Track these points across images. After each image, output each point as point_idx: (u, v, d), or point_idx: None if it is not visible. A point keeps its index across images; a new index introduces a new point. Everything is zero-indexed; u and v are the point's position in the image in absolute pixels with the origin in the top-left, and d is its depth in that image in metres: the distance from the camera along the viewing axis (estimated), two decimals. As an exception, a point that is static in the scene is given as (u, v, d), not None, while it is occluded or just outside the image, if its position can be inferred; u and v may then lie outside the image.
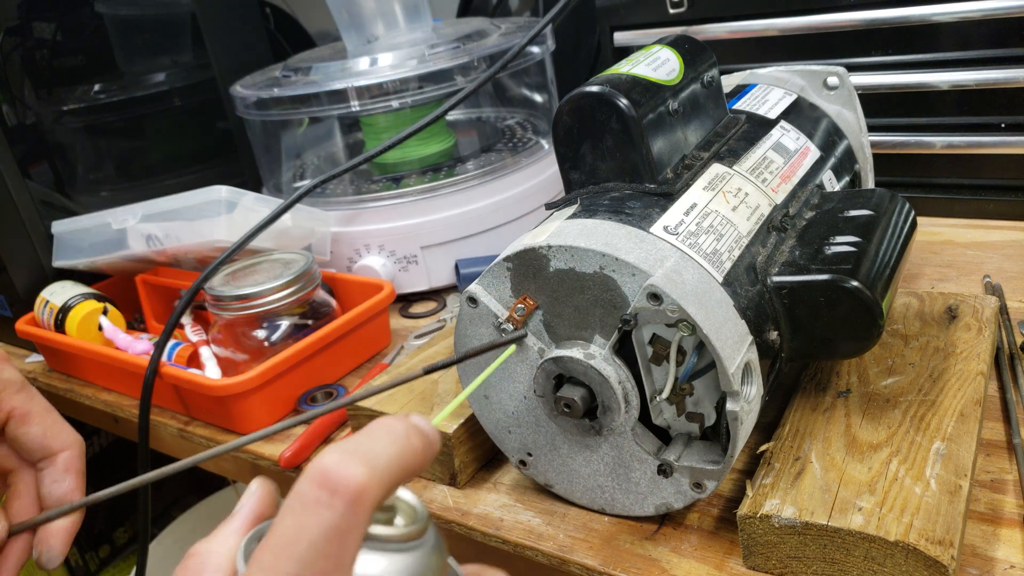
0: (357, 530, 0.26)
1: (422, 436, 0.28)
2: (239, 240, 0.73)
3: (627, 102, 0.49)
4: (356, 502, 0.25)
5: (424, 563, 0.28)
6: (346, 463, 0.25)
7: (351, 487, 0.25)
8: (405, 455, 0.27)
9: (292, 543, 0.25)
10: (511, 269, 0.48)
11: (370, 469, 0.26)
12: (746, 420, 0.44)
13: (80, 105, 1.07)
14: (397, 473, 0.27)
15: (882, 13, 0.76)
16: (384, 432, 0.28)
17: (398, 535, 0.28)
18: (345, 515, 0.25)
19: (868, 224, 0.52)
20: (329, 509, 0.25)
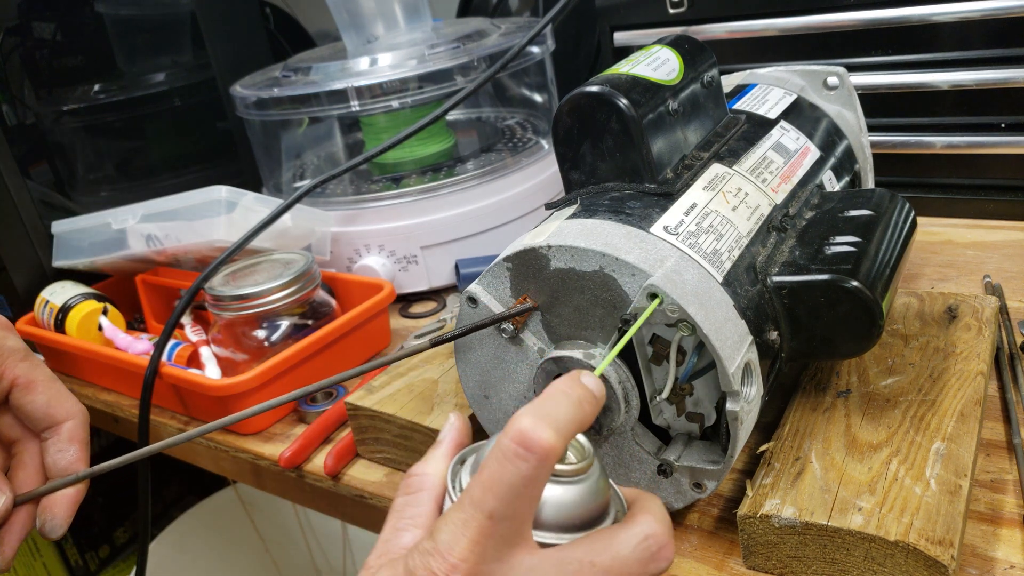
0: (543, 479, 0.33)
1: (591, 399, 0.35)
2: (239, 240, 0.73)
3: (627, 102, 0.49)
4: (544, 459, 0.32)
5: (593, 489, 0.35)
6: (539, 428, 0.32)
7: (542, 447, 0.32)
8: (581, 416, 0.34)
9: (495, 484, 0.32)
10: (511, 269, 0.48)
11: (556, 432, 0.32)
12: (746, 420, 0.44)
13: (80, 105, 1.07)
14: (574, 431, 0.34)
15: (882, 13, 0.76)
16: (564, 399, 0.34)
17: (570, 471, 0.35)
18: (536, 468, 0.32)
19: (868, 224, 0.52)
20: (525, 462, 0.32)
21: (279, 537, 1.34)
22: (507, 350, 0.50)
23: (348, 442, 0.62)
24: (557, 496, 0.35)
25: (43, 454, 0.49)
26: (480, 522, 0.32)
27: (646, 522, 0.35)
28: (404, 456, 0.59)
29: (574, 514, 0.35)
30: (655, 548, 0.35)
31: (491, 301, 0.49)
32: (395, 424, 0.58)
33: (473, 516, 0.32)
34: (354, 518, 0.66)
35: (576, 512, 0.35)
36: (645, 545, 0.34)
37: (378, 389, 0.61)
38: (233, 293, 0.71)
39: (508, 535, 0.32)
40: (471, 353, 0.51)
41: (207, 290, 0.72)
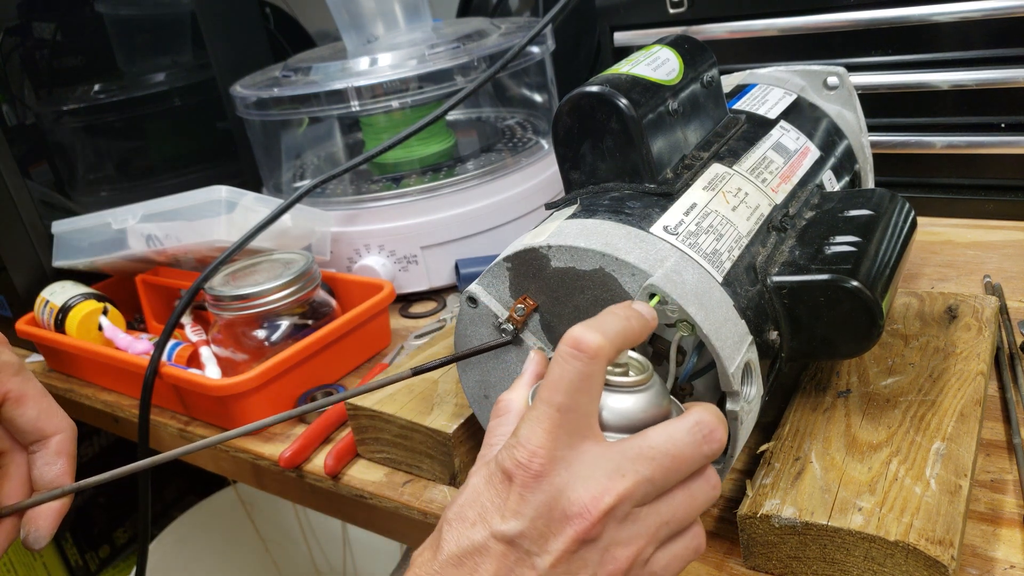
0: (598, 375, 0.37)
1: (638, 317, 0.40)
2: (239, 240, 0.73)
3: (627, 102, 0.49)
4: (595, 356, 0.37)
5: (651, 400, 0.40)
6: (588, 332, 0.37)
7: (591, 347, 0.37)
8: (627, 328, 0.39)
9: (558, 381, 0.37)
10: (511, 269, 0.48)
11: (602, 335, 0.37)
12: (746, 420, 0.44)
13: (80, 105, 1.07)
14: (621, 340, 0.39)
15: (882, 13, 0.76)
16: (612, 315, 0.40)
17: (630, 382, 0.40)
18: (589, 364, 0.37)
19: (868, 224, 0.52)
20: (578, 360, 0.37)
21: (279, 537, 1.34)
22: (507, 350, 0.50)
23: (348, 442, 0.62)
24: (618, 403, 0.40)
25: (30, 467, 0.49)
26: (551, 415, 0.37)
27: (697, 411, 0.39)
28: (404, 456, 0.59)
29: (634, 419, 0.40)
30: (707, 431, 0.39)
31: (491, 301, 0.49)
32: (395, 424, 0.58)
33: (545, 411, 0.37)
34: (354, 518, 0.66)
35: (636, 417, 0.40)
36: (697, 428, 0.39)
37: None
38: (233, 293, 0.71)
39: (576, 426, 0.37)
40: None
41: (207, 290, 0.72)
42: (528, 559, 0.36)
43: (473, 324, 0.50)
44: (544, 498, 0.36)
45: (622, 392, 0.40)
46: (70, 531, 1.33)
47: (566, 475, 0.37)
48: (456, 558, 0.37)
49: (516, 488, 0.37)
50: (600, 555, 0.37)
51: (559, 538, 0.36)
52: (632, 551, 0.37)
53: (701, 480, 0.39)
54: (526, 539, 0.36)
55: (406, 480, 0.59)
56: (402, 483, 0.58)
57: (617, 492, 0.36)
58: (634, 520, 0.37)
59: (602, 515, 0.36)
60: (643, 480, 0.37)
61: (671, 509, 0.39)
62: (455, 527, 0.37)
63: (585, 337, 0.37)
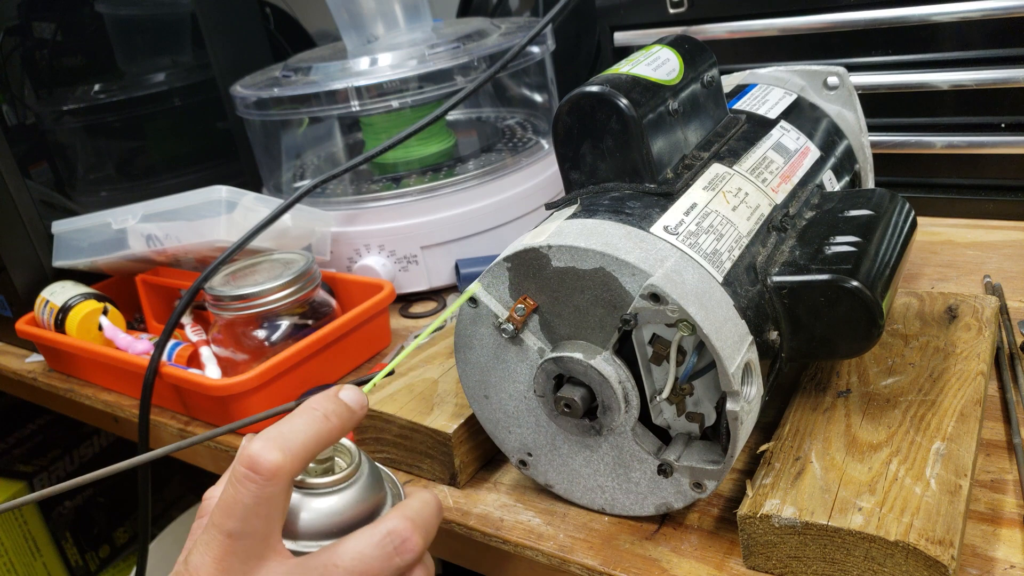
0: (277, 496, 0.35)
1: (340, 412, 0.38)
2: (239, 240, 0.73)
3: (627, 102, 0.49)
4: (272, 478, 0.35)
5: (355, 497, 0.38)
6: (266, 449, 0.35)
7: (268, 468, 0.35)
8: (320, 433, 0.37)
9: (231, 505, 0.35)
10: (511, 269, 0.48)
11: (283, 454, 0.35)
12: (746, 420, 0.44)
13: (80, 105, 1.07)
14: (312, 448, 0.36)
15: (882, 13, 0.76)
16: (304, 416, 0.37)
17: (328, 483, 0.37)
18: (266, 487, 0.35)
19: (868, 224, 0.52)
20: (253, 483, 0.35)
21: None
22: (507, 350, 0.50)
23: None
24: (315, 507, 0.37)
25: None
26: (221, 542, 0.35)
27: (390, 518, 0.38)
28: (404, 456, 0.59)
29: (335, 522, 0.37)
30: (398, 542, 0.37)
31: (491, 301, 0.49)
32: (395, 424, 0.58)
33: (214, 537, 0.36)
34: (354, 518, 0.66)
35: (336, 520, 0.37)
36: (388, 539, 0.37)
37: (378, 389, 0.61)
38: (233, 293, 0.71)
39: (251, 551, 0.35)
40: (471, 353, 0.52)
41: (207, 290, 0.72)
42: None
43: (473, 324, 0.50)
44: None
45: (318, 495, 0.38)
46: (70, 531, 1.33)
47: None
48: None
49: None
50: None
51: None
52: None
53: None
54: None
55: (406, 480, 0.59)
56: (402, 483, 0.58)
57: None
58: None
59: None
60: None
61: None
62: None
63: (261, 456, 0.35)
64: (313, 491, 0.38)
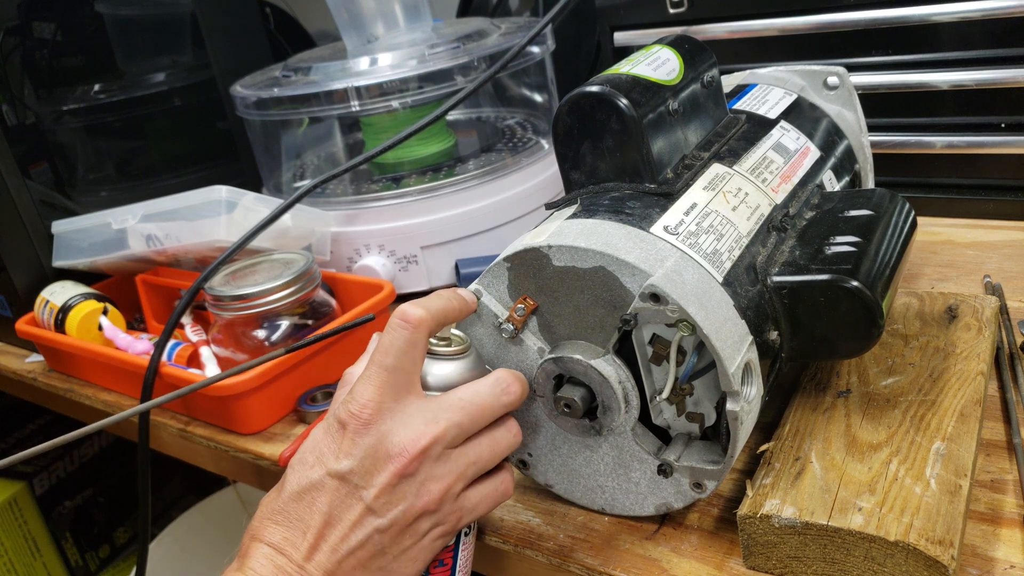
0: (420, 342, 0.45)
1: (459, 299, 0.48)
2: (239, 240, 0.73)
3: (627, 102, 0.49)
4: (417, 326, 0.45)
5: (467, 367, 0.48)
6: (412, 307, 0.45)
7: (414, 318, 0.45)
8: (448, 307, 0.47)
9: (388, 346, 0.44)
10: (511, 269, 0.48)
11: (424, 310, 0.45)
12: (746, 420, 0.44)
13: (80, 105, 1.07)
14: (442, 315, 0.46)
15: (882, 13, 0.76)
16: (436, 295, 0.47)
17: (449, 351, 0.47)
18: (413, 333, 0.45)
19: (868, 224, 0.52)
20: (404, 329, 0.45)
21: (279, 537, 1.34)
22: (507, 350, 0.50)
23: (348, 442, 0.62)
24: (439, 368, 0.47)
25: None
26: (380, 374, 0.44)
27: (499, 371, 0.47)
28: (404, 456, 0.59)
29: (451, 382, 0.47)
30: (504, 385, 0.46)
31: (491, 301, 0.49)
32: (395, 424, 0.58)
33: (375, 371, 0.44)
34: (354, 518, 0.65)
35: (452, 380, 0.47)
36: (496, 383, 0.46)
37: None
38: (233, 293, 0.71)
39: (401, 383, 0.44)
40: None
41: (207, 290, 0.72)
42: (356, 492, 0.43)
43: (473, 324, 0.50)
44: (371, 441, 0.43)
45: (442, 360, 0.47)
46: (70, 531, 1.33)
47: (391, 423, 0.43)
48: (296, 494, 0.43)
49: (349, 434, 0.43)
50: (417, 488, 0.43)
51: (382, 474, 0.43)
52: (444, 485, 0.44)
53: (503, 428, 0.47)
54: (355, 475, 0.43)
55: (406, 480, 0.58)
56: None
57: (432, 435, 0.43)
58: (446, 460, 0.44)
59: (418, 454, 0.43)
60: (453, 425, 0.44)
61: (477, 451, 0.46)
62: (297, 470, 0.44)
63: (410, 311, 0.45)
64: (439, 356, 0.47)
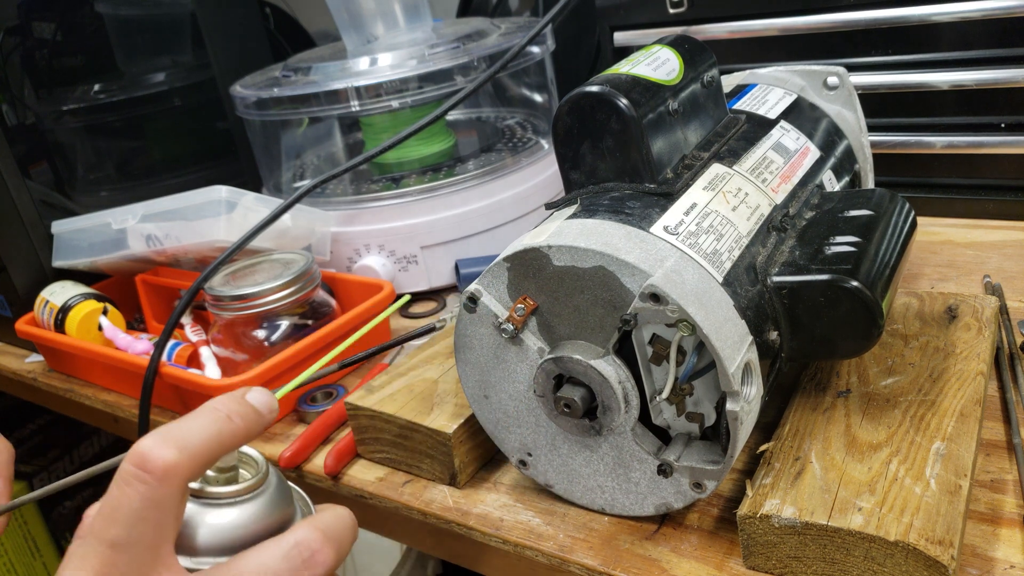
0: (170, 499, 0.31)
1: (246, 414, 0.34)
2: (239, 240, 0.73)
3: (627, 102, 0.49)
4: (165, 478, 0.31)
5: (260, 511, 0.34)
6: (159, 446, 0.31)
7: (160, 466, 0.31)
8: (223, 434, 0.33)
9: (116, 510, 0.31)
10: (511, 269, 0.48)
11: (178, 451, 0.31)
12: (746, 420, 0.44)
13: (80, 105, 1.07)
14: (212, 449, 0.32)
15: (882, 13, 0.76)
16: (206, 415, 0.33)
17: (230, 492, 0.33)
18: (158, 488, 0.30)
19: (868, 224, 0.52)
20: (144, 484, 0.31)
21: (279, 537, 1.34)
22: (507, 350, 0.50)
23: (348, 442, 0.62)
24: (216, 519, 0.33)
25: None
26: (100, 553, 0.30)
27: (299, 530, 0.34)
28: (404, 456, 0.59)
29: (237, 536, 0.33)
30: (307, 554, 0.33)
31: (491, 301, 0.49)
32: (395, 424, 0.58)
33: (94, 548, 0.31)
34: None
35: (239, 534, 0.33)
36: (295, 552, 0.33)
37: (378, 389, 0.61)
38: (233, 293, 0.71)
39: (137, 563, 0.31)
40: (471, 353, 0.51)
41: (207, 290, 0.72)
42: None
43: (473, 324, 0.50)
44: None
45: (219, 505, 0.33)
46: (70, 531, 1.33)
47: None
48: None
49: None
50: None
51: None
52: None
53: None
54: None
55: (406, 480, 0.59)
56: (402, 483, 0.58)
57: None
58: None
59: None
60: None
61: None
62: None
63: (153, 453, 0.31)
64: (212, 501, 0.33)
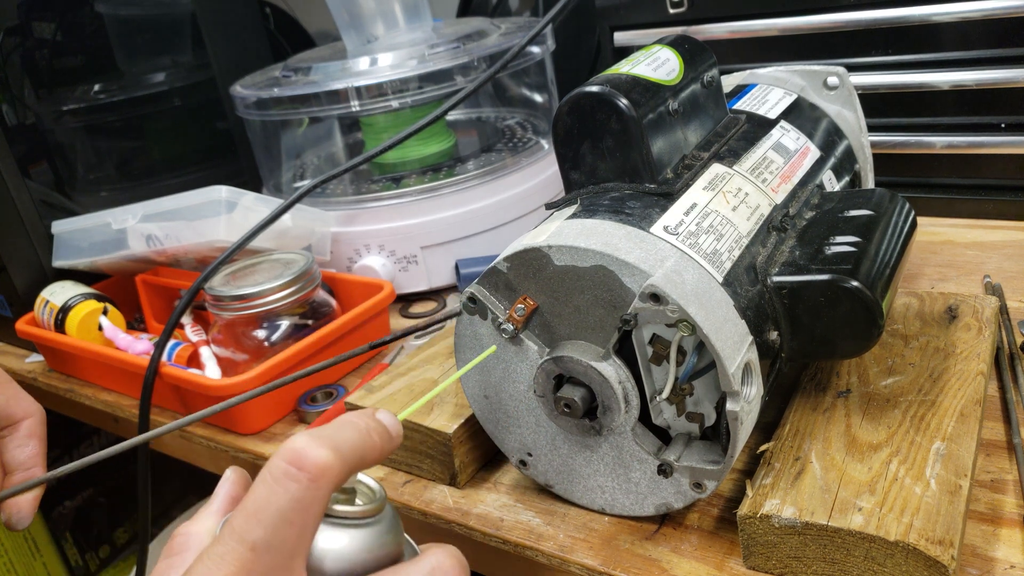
0: (318, 503, 0.29)
1: (382, 432, 0.33)
2: (239, 240, 0.73)
3: (627, 102, 0.49)
4: (319, 478, 0.29)
5: (379, 539, 0.32)
6: (314, 445, 0.29)
7: (316, 465, 0.29)
8: (365, 446, 0.32)
9: (262, 509, 0.28)
10: (511, 269, 0.48)
11: (333, 452, 0.30)
12: (746, 420, 0.44)
13: (80, 105, 1.07)
14: (357, 459, 0.31)
15: (882, 13, 0.76)
16: (349, 426, 0.32)
17: (356, 513, 0.32)
18: (309, 488, 0.29)
19: (868, 224, 0.52)
20: (296, 482, 0.29)
21: (279, 537, 1.34)
22: (507, 350, 0.50)
23: (348, 442, 0.62)
24: (338, 540, 0.31)
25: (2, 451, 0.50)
26: (241, 555, 0.28)
27: (435, 555, 0.33)
28: (404, 456, 0.59)
29: (356, 561, 0.31)
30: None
31: (491, 301, 0.49)
32: (395, 424, 0.58)
33: (233, 549, 0.28)
34: (354, 518, 0.66)
35: (357, 559, 0.31)
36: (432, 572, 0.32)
37: (378, 389, 0.61)
38: (233, 293, 0.71)
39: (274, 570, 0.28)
40: (471, 353, 0.51)
41: (207, 290, 0.72)
42: None
43: (473, 324, 0.50)
44: None
45: (342, 526, 0.32)
46: (70, 531, 1.33)
47: None
48: None
49: None
50: None
51: None
52: None
53: None
54: None
55: (406, 480, 0.59)
56: (402, 483, 0.58)
57: None
58: None
59: None
60: None
61: None
62: None
63: (308, 451, 0.29)
64: (336, 521, 0.31)
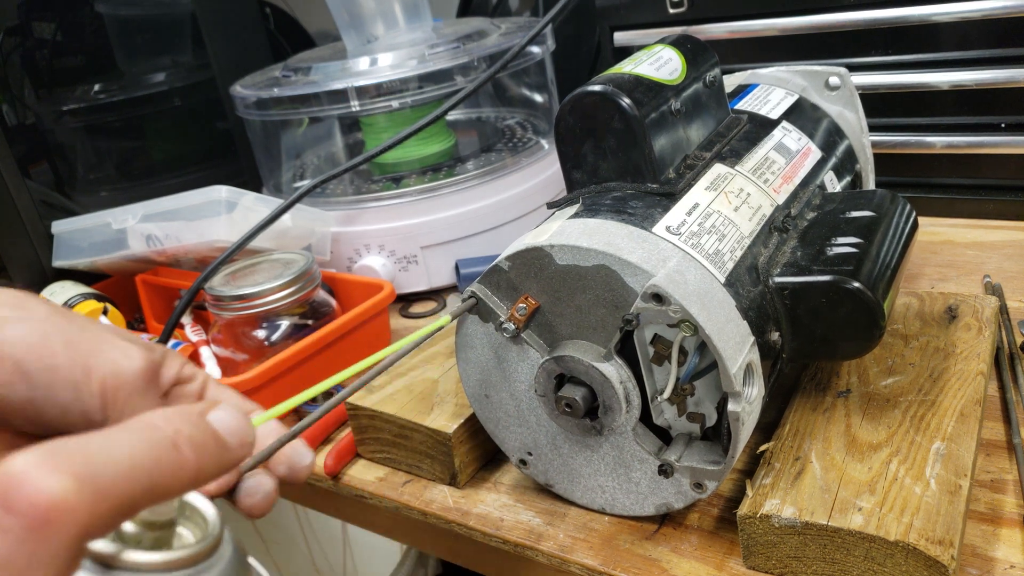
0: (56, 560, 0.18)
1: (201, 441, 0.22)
2: (239, 240, 0.73)
3: (630, 101, 0.49)
4: (44, 526, 0.18)
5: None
6: (42, 473, 0.18)
7: (38, 507, 0.18)
8: (160, 466, 0.20)
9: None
10: (513, 268, 0.48)
11: (76, 482, 0.19)
12: (747, 421, 0.44)
13: (80, 105, 1.07)
14: (137, 490, 0.20)
15: (882, 13, 0.76)
16: (135, 432, 0.21)
17: (162, 563, 0.22)
18: (26, 542, 0.18)
19: (869, 225, 0.52)
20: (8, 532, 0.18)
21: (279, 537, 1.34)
22: (508, 349, 0.50)
23: (348, 442, 0.62)
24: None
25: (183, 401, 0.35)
26: None
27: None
28: (404, 456, 0.59)
29: None
30: None
31: (492, 301, 0.49)
32: (395, 424, 0.58)
33: None
34: (354, 518, 0.66)
35: None
36: None
37: (378, 389, 0.61)
38: (233, 293, 0.71)
39: None
40: (471, 352, 0.51)
41: (207, 290, 0.72)
42: None
43: (474, 324, 0.50)
44: None
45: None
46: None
47: None
48: None
49: None
50: None
51: None
52: None
53: None
54: None
55: (406, 480, 0.59)
56: (402, 483, 0.58)
57: None
58: None
59: None
60: None
61: None
62: None
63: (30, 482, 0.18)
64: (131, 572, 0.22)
